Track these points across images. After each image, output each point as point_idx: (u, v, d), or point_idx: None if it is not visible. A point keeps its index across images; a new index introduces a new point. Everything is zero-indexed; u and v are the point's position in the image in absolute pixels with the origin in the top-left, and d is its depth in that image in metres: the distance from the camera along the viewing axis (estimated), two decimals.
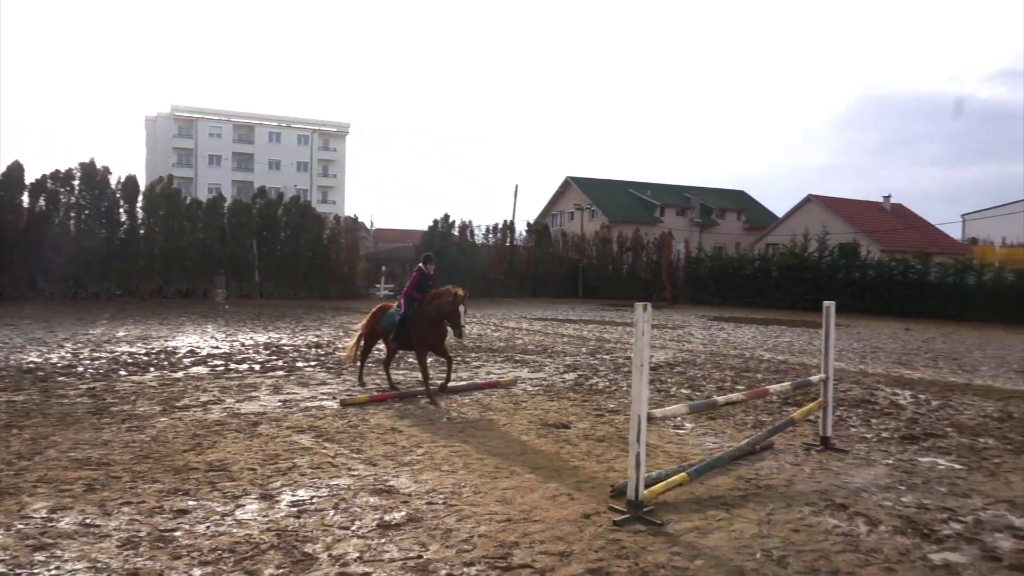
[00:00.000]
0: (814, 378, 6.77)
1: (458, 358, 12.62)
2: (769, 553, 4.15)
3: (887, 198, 51.40)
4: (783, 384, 6.62)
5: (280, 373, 10.39)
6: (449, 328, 8.73)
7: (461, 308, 8.35)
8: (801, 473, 5.89)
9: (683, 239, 43.10)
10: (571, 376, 10.80)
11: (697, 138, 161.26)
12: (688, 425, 7.57)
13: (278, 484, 5.16)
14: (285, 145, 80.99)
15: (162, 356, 11.88)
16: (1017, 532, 4.63)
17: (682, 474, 5.07)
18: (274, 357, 12.13)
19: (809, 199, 48.48)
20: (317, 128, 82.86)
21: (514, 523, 4.49)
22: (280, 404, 8.12)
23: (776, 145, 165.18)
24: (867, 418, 8.20)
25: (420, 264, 9.20)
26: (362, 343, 9.77)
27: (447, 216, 36.88)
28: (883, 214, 49.01)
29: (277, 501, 4.80)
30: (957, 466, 6.23)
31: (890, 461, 6.32)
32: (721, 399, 5.61)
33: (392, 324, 9.07)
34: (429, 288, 8.92)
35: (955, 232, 55.06)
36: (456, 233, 37.16)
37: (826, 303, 6.68)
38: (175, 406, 7.83)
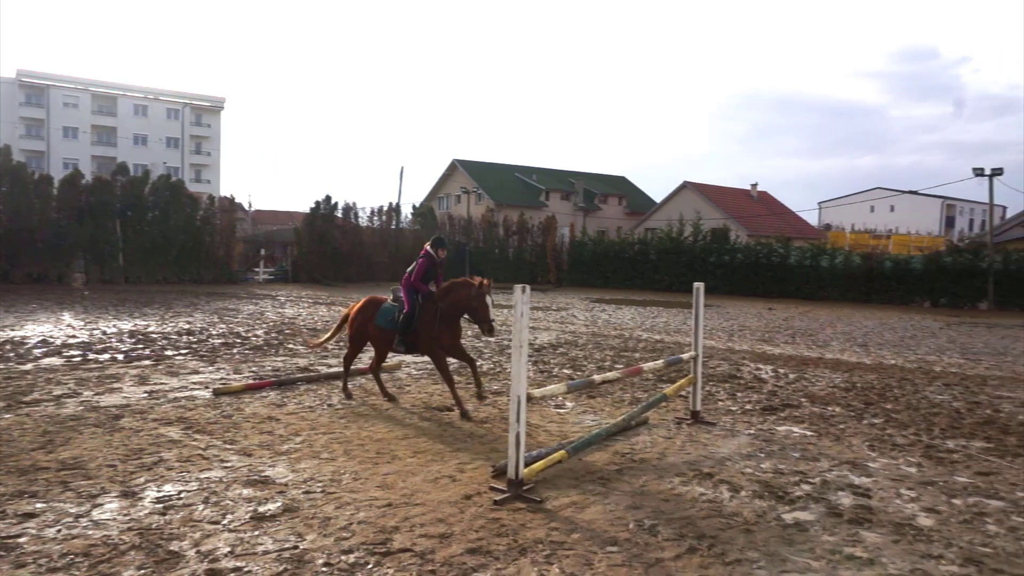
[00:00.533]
0: (685, 356, 7.14)
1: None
2: (641, 523, 4.35)
3: (754, 186, 54.85)
4: (657, 362, 6.94)
5: (147, 363, 9.74)
6: (473, 325, 7.18)
7: (488, 300, 6.90)
8: (673, 446, 6.21)
9: (567, 223, 44.15)
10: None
11: (581, 124, 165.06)
12: (569, 404, 7.79)
13: (141, 480, 4.85)
14: (153, 119, 75.30)
15: (7, 347, 10.82)
16: (856, 489, 5.11)
17: (561, 452, 5.21)
18: (140, 346, 11.36)
19: (685, 186, 50.91)
20: (188, 101, 77.60)
21: (395, 508, 4.45)
22: (146, 395, 7.62)
23: (655, 133, 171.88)
24: (733, 392, 8.76)
25: (427, 247, 7.43)
26: (342, 342, 8.13)
27: (329, 198, 35.81)
28: (750, 201, 52.27)
29: (140, 499, 4.51)
30: (809, 433, 6.78)
31: (752, 431, 6.79)
32: (598, 378, 5.80)
33: (391, 323, 7.44)
34: (436, 278, 7.42)
35: (812, 218, 59.72)
36: (339, 215, 36.17)
37: (696, 284, 7.04)
38: (22, 401, 7.17)
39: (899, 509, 4.75)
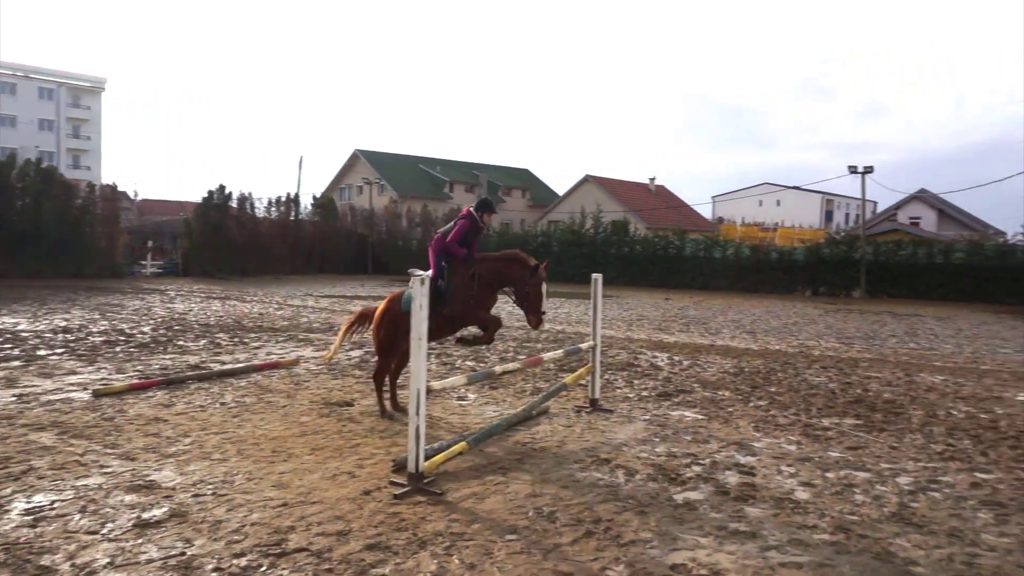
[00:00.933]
0: (583, 345, 7.31)
1: (267, 340, 11.86)
2: (540, 510, 4.43)
3: (652, 180, 56.73)
4: (556, 352, 7.06)
5: (16, 364, 9.00)
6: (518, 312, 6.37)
7: (544, 288, 6.16)
8: (572, 434, 6.35)
9: None
10: (357, 353, 10.62)
11: (486, 117, 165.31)
12: (471, 396, 7.81)
13: (8, 492, 4.49)
14: (23, 99, 69.30)
15: None
16: (742, 468, 5.41)
17: (462, 443, 5.22)
18: (8, 345, 10.48)
19: (587, 179, 51.99)
20: (64, 81, 72.01)
21: (290, 507, 4.33)
22: (15, 399, 7.05)
23: (558, 126, 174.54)
24: (631, 379, 9.05)
25: (470, 208, 6.40)
26: (377, 347, 6.85)
27: (223, 187, 34.18)
28: (649, 194, 54.03)
29: (6, 511, 4.17)
30: (700, 417, 7.11)
31: (648, 417, 7.05)
32: (499, 369, 5.85)
33: (407, 303, 5.93)
34: (472, 245, 6.40)
35: (707, 212, 62.38)
36: (235, 206, 34.63)
37: (594, 275, 7.22)
38: None
39: (779, 485, 5.06)
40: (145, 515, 4.14)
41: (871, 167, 30.89)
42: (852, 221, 66.37)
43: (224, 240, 33.14)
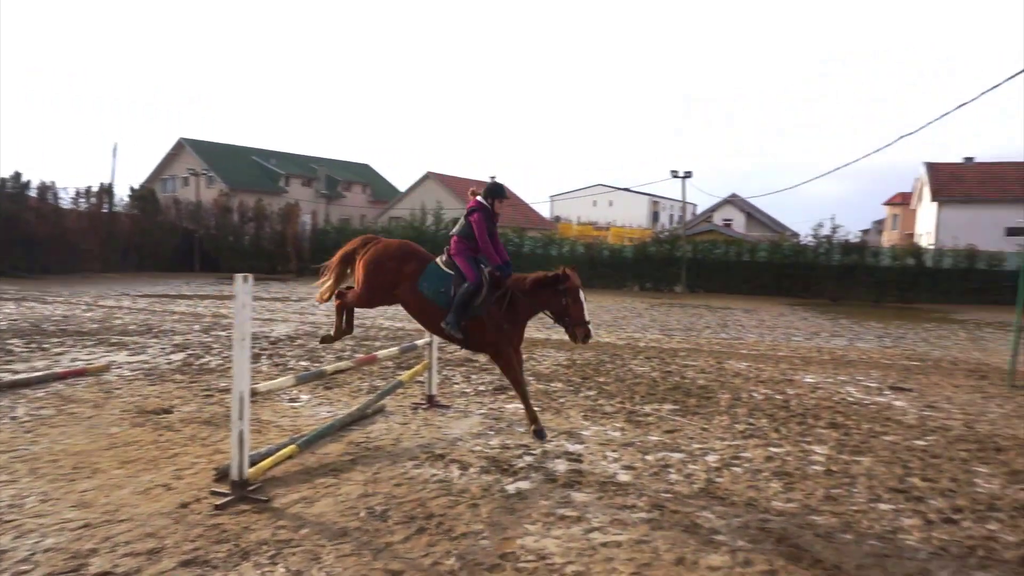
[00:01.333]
0: (420, 342, 7.30)
1: (72, 346, 10.58)
2: (372, 510, 4.38)
3: (493, 178, 57.69)
4: (392, 349, 7.00)
5: None
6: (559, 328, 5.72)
7: (583, 296, 5.56)
8: (408, 431, 6.33)
9: (310, 211, 42.54)
10: (179, 356, 9.88)
11: (324, 110, 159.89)
12: (304, 397, 7.54)
13: None
14: None
15: None
16: (571, 456, 5.67)
17: (291, 446, 5.04)
18: None
19: (428, 176, 51.88)
20: None
21: (94, 528, 3.95)
22: None
23: (400, 121, 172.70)
24: (468, 375, 9.17)
25: (477, 197, 5.66)
26: (372, 302, 5.80)
27: (19, 175, 30.30)
28: None
29: None
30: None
31: (484, 411, 7.18)
32: (329, 367, 5.70)
33: (442, 297, 5.44)
34: (496, 239, 5.69)
35: (545, 210, 64.57)
36: (34, 195, 30.82)
37: None
38: None
39: (604, 470, 5.37)
40: None
41: (690, 172, 33.60)
42: (676, 222, 71.67)
43: (21, 234, 29.39)
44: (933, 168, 40.22)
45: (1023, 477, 5.55)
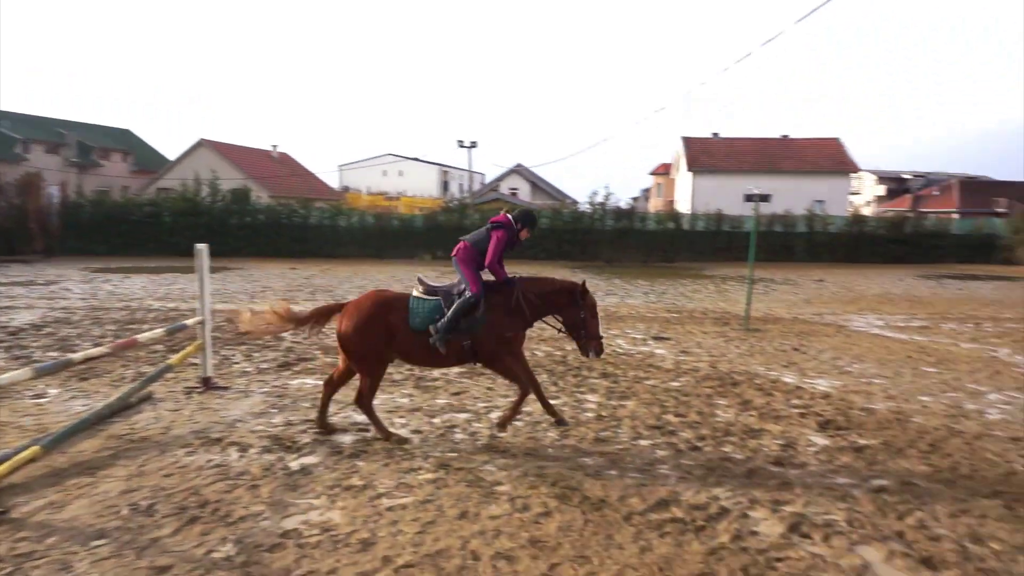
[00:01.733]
0: (190, 321, 6.77)
1: None
2: (136, 506, 4.03)
3: (275, 147, 54.51)
4: (156, 331, 6.40)
5: None
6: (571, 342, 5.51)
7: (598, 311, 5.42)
8: (180, 417, 5.87)
9: (58, 181, 37.13)
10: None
11: (75, 67, 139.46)
12: (53, 391, 6.68)
13: None
14: None
15: None
16: (358, 426, 5.63)
17: (33, 448, 4.44)
18: None
19: (201, 143, 47.65)
20: None
21: None
22: None
23: (166, 82, 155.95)
24: (250, 353, 8.68)
25: (507, 216, 5.46)
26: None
27: None
28: (271, 162, 51.85)
29: None
30: (320, 383, 7.16)
31: (266, 389, 6.87)
32: (78, 356, 5.06)
33: (432, 319, 5.18)
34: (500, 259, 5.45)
35: (333, 180, 62.47)
36: None
37: (198, 245, 6.70)
38: None
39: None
40: None
41: (475, 142, 34.37)
42: (465, 191, 73.05)
43: None
44: (688, 142, 44.99)
45: (752, 405, 6.51)
